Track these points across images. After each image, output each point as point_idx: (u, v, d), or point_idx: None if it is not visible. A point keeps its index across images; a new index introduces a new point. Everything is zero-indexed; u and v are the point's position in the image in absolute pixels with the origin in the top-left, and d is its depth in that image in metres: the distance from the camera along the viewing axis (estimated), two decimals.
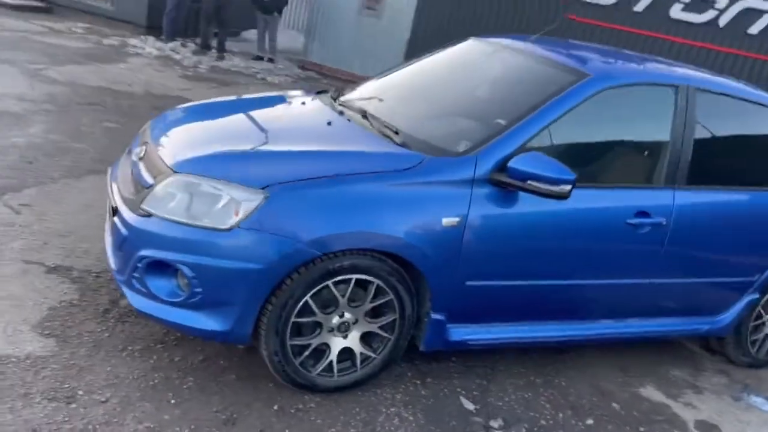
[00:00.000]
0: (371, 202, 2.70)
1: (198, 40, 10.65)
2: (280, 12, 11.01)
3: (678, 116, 3.31)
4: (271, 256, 2.56)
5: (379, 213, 2.71)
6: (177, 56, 10.06)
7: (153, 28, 11.09)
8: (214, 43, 10.62)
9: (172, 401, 2.67)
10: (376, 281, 2.78)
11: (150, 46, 10.23)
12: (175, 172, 2.74)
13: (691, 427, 3.31)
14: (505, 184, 2.85)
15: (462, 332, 3.08)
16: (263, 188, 2.60)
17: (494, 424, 2.99)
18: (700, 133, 3.41)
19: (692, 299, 3.61)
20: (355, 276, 2.74)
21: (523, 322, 3.24)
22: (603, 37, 8.28)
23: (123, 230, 2.73)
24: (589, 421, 3.15)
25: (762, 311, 3.86)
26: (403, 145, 2.99)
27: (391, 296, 2.84)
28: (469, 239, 2.85)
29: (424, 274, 2.83)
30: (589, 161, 3.25)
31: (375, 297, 2.83)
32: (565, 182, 2.78)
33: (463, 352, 3.43)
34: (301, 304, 2.69)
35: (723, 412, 3.50)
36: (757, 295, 3.73)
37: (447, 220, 2.80)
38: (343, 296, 2.76)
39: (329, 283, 2.70)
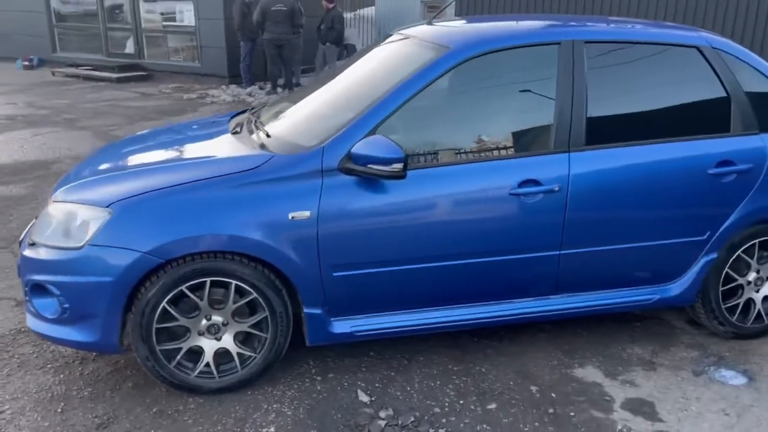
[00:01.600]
0: (212, 205, 2.81)
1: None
2: (334, 42, 11.33)
3: (563, 75, 3.12)
4: (119, 268, 2.75)
5: (221, 215, 2.81)
6: (250, 99, 10.71)
7: (236, 77, 11.88)
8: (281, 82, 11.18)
9: (59, 410, 2.92)
10: (234, 282, 2.86)
11: (227, 93, 10.98)
12: (53, 201, 3.02)
13: (616, 405, 3.04)
14: (353, 171, 2.84)
15: (346, 325, 3.08)
16: (107, 206, 2.80)
17: (383, 414, 2.94)
18: (596, 90, 3.17)
19: (631, 268, 3.32)
20: (209, 279, 2.84)
21: (416, 308, 3.16)
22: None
23: (18, 260, 3.05)
24: (491, 406, 3.01)
25: (732, 272, 3.44)
26: (261, 147, 3.07)
27: (255, 295, 2.90)
28: (326, 231, 2.87)
29: (282, 270, 2.88)
30: (463, 135, 3.14)
31: (242, 297, 2.90)
32: (396, 161, 2.73)
33: (383, 344, 3.40)
34: (159, 310, 2.83)
35: (669, 388, 3.17)
36: (714, 255, 3.36)
37: (295, 214, 2.84)
38: (202, 299, 2.86)
39: (183, 288, 2.82)
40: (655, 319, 3.79)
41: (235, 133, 3.40)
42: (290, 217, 2.83)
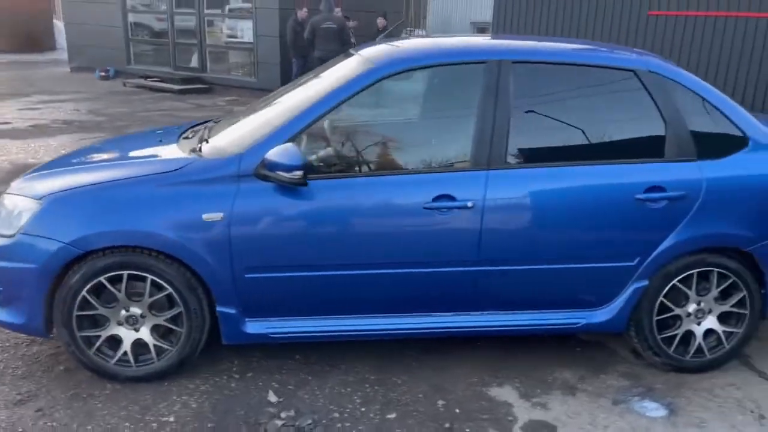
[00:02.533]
0: (132, 203, 3.01)
1: None
2: None
3: (487, 93, 3.16)
4: (43, 256, 2.98)
5: (139, 212, 3.00)
6: None
7: None
8: None
9: None
10: (150, 276, 3.05)
11: None
12: (6, 192, 3.30)
13: (516, 426, 3.03)
14: (266, 177, 2.99)
15: (261, 326, 3.20)
16: (39, 199, 3.04)
17: (284, 414, 3.05)
18: (521, 109, 3.20)
19: (554, 290, 3.30)
20: (126, 272, 3.03)
21: (332, 315, 3.24)
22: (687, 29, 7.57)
23: None
24: (391, 416, 3.06)
25: (668, 302, 3.36)
26: (192, 152, 3.25)
27: (170, 290, 3.08)
28: (238, 233, 3.02)
29: (194, 269, 3.04)
30: (383, 149, 3.23)
31: (159, 291, 3.08)
32: (295, 168, 2.86)
33: (310, 348, 3.51)
34: (80, 298, 3.04)
35: (580, 413, 3.13)
36: (645, 282, 3.28)
37: (208, 216, 3.00)
38: (120, 291, 3.06)
39: (102, 279, 3.03)
40: (598, 345, 3.72)
41: (186, 138, 3.59)
42: (204, 218, 2.98)
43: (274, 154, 2.92)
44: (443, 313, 3.28)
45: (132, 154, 3.56)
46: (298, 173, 2.86)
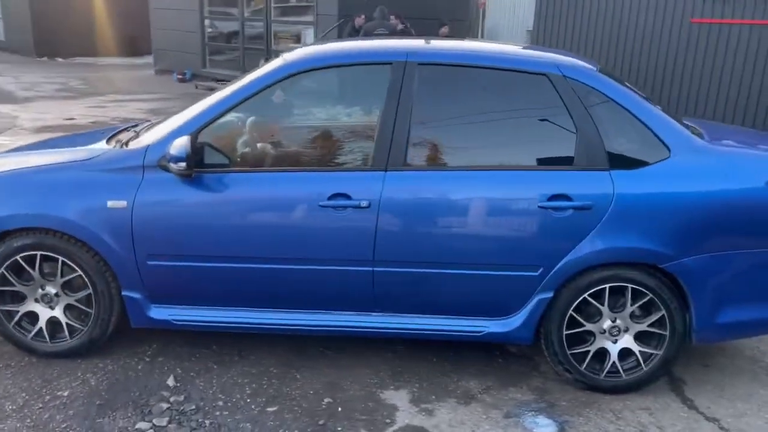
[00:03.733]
0: (45, 188, 3.23)
1: None
2: None
3: (390, 95, 3.17)
4: None
5: (51, 197, 3.22)
6: None
7: None
8: None
9: None
10: (61, 258, 3.26)
11: None
12: None
13: (390, 429, 3.01)
14: (166, 168, 3.14)
15: (165, 312, 3.34)
16: None
17: (173, 399, 3.17)
18: (425, 111, 3.19)
19: (455, 296, 3.26)
20: (39, 252, 3.25)
21: (234, 306, 3.33)
22: (731, 37, 7.20)
23: None
24: (271, 408, 3.12)
25: (578, 317, 3.25)
26: (119, 144, 3.44)
27: (79, 272, 3.27)
28: (139, 221, 3.18)
29: (100, 253, 3.22)
30: (285, 145, 3.30)
31: (72, 273, 3.28)
32: (180, 160, 2.98)
33: (229, 337, 3.62)
34: None
35: (464, 423, 3.07)
36: (549, 294, 3.19)
37: (112, 203, 3.18)
38: (34, 270, 3.28)
39: (18, 258, 3.26)
40: (522, 357, 3.64)
41: (121, 131, 3.78)
42: (108, 205, 3.15)
43: (172, 146, 3.04)
44: (344, 312, 3.29)
45: (71, 146, 3.78)
46: (182, 164, 2.97)
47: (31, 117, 10.23)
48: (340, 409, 3.11)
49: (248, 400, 3.15)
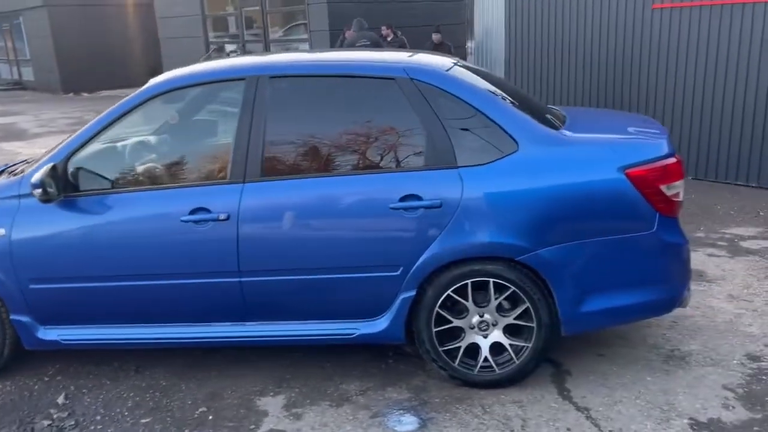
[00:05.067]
0: None
1: None
2: None
3: (245, 109, 3.29)
4: None
5: None
6: None
7: None
8: None
9: None
10: None
11: None
12: None
13: None
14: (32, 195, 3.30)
15: (53, 332, 3.50)
16: None
17: (57, 415, 3.33)
18: (279, 123, 3.30)
19: (322, 300, 3.33)
20: None
21: (120, 323, 3.47)
22: (693, 21, 7.08)
23: None
24: (145, 420, 3.24)
25: (445, 313, 3.30)
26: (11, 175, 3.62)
27: None
28: (17, 246, 3.36)
29: None
30: (147, 164, 3.44)
31: None
32: (35, 187, 3.15)
33: (133, 354, 3.76)
34: None
35: (327, 425, 3.13)
36: (412, 293, 3.23)
37: None
38: None
39: None
40: (413, 357, 3.67)
41: (22, 162, 3.98)
42: None
43: (36, 175, 3.21)
44: (220, 324, 3.39)
45: None
46: (38, 191, 3.12)
47: (32, 152, 10.65)
48: (210, 417, 3.21)
49: (126, 414, 3.27)
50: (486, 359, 3.29)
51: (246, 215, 3.17)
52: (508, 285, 3.18)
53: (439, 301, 3.23)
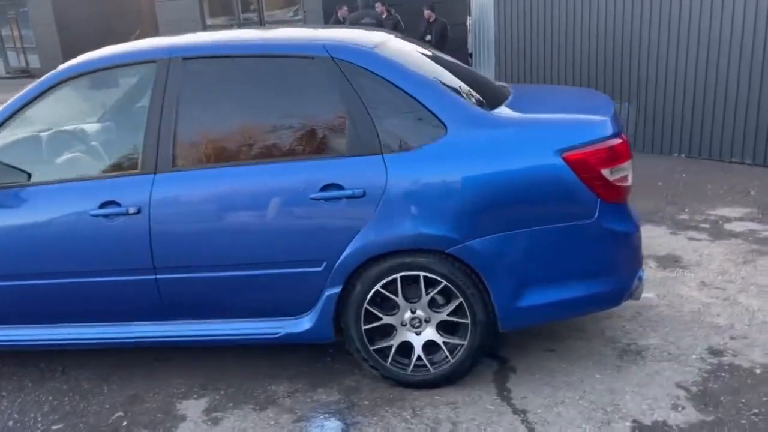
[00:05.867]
0: None
1: None
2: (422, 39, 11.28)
3: (156, 94, 3.07)
4: None
5: None
6: None
7: None
8: None
9: None
10: None
11: None
12: None
13: None
14: None
15: None
16: None
17: None
18: (192, 108, 3.08)
19: (245, 298, 3.13)
20: None
21: (36, 323, 3.30)
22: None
23: None
24: (57, 426, 3.08)
25: (375, 310, 3.08)
26: None
27: None
28: None
29: None
30: (57, 157, 3.25)
31: None
32: None
33: (62, 353, 3.61)
34: None
35: (246, 430, 2.96)
36: (337, 289, 3.02)
37: None
38: None
39: None
40: (352, 356, 3.45)
41: None
42: None
43: None
44: (141, 323, 3.21)
45: None
46: None
47: None
48: (125, 423, 3.04)
49: (40, 419, 3.11)
50: (420, 358, 3.06)
51: (157, 209, 2.96)
52: (440, 279, 2.93)
53: (368, 297, 3.00)
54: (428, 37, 11.07)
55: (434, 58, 3.35)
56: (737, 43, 6.50)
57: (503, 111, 3.06)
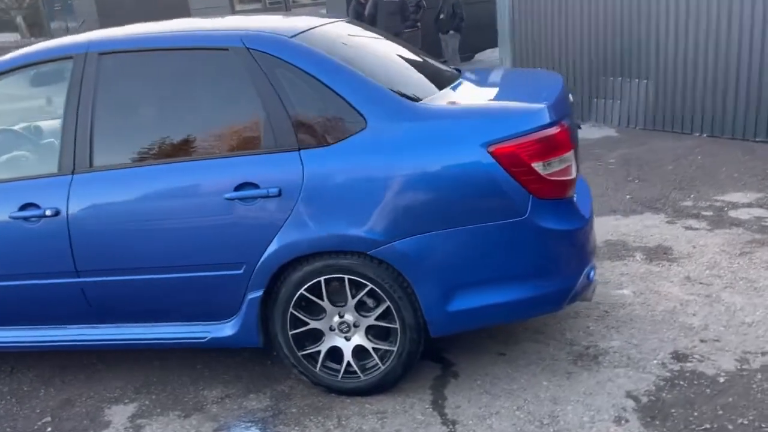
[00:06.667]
0: None
1: None
2: (456, 30, 11.01)
3: (72, 92, 2.98)
4: None
5: None
6: None
7: None
8: None
9: None
10: None
11: None
12: None
13: None
14: None
15: None
16: None
17: None
18: (110, 106, 2.98)
19: (169, 301, 3.03)
20: None
21: None
22: None
23: None
24: None
25: (301, 314, 2.94)
26: None
27: None
28: None
29: None
30: None
31: None
32: None
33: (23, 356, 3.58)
34: None
35: None
36: (259, 292, 2.88)
37: None
38: None
39: None
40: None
41: None
42: None
43: None
44: (75, 326, 3.15)
45: None
46: None
47: None
48: (49, 429, 2.98)
49: None
50: (350, 364, 2.90)
51: (75, 211, 2.88)
52: (365, 282, 2.75)
53: (293, 301, 2.84)
54: (441, 16, 10.79)
55: (374, 46, 3.15)
56: (760, 17, 6.03)
57: (434, 101, 2.84)
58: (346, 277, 2.78)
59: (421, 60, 3.41)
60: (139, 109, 2.97)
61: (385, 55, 3.20)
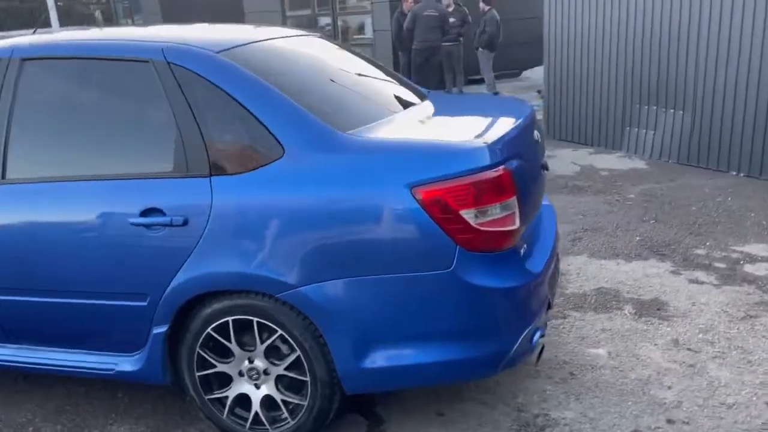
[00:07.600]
0: None
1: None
2: (486, 47, 10.68)
3: None
4: None
5: None
6: None
7: None
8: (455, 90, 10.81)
9: None
10: None
11: None
12: None
13: None
14: None
15: None
16: None
17: None
18: (29, 114, 2.79)
19: (72, 328, 2.81)
20: None
21: None
22: None
23: None
24: None
25: (208, 355, 2.69)
26: None
27: None
28: None
29: None
30: None
31: None
32: None
33: None
34: None
35: None
36: (164, 328, 2.65)
37: None
38: None
39: None
40: None
41: None
42: None
43: None
44: None
45: None
46: None
47: None
48: None
49: None
50: (258, 414, 2.61)
51: None
52: (275, 327, 2.47)
53: (200, 340, 2.58)
54: (477, 30, 10.53)
55: (329, 66, 2.89)
56: None
57: (369, 131, 2.53)
58: (255, 319, 2.50)
59: (383, 82, 3.12)
60: (55, 120, 2.76)
61: (337, 76, 2.92)
